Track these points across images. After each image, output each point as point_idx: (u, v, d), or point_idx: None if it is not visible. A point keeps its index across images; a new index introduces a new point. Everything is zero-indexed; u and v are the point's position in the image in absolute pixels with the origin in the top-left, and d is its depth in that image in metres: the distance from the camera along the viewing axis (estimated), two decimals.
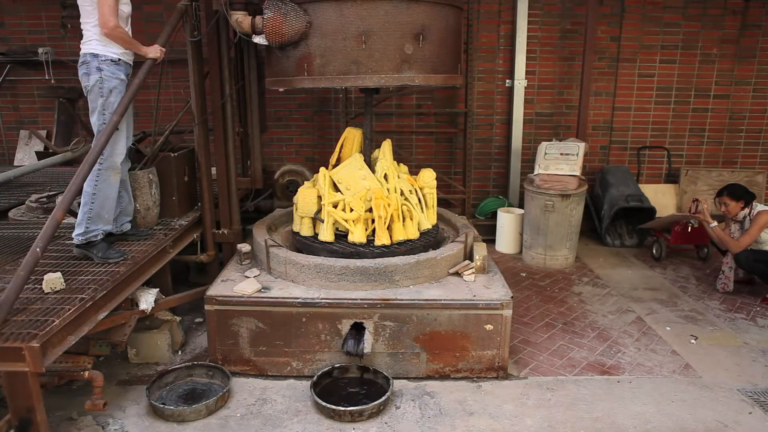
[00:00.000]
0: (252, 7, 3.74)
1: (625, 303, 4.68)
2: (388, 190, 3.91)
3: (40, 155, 5.46)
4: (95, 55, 3.23)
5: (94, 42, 3.24)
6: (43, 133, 6.31)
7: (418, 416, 3.14)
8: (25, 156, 6.27)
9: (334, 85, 3.53)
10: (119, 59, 3.29)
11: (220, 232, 4.36)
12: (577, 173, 5.40)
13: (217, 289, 3.55)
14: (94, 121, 3.33)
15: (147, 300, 3.48)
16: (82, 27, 3.28)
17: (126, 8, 3.30)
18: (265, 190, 5.23)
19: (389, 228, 3.84)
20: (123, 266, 3.22)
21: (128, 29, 3.38)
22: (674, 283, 5.12)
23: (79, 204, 3.36)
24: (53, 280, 2.86)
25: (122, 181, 3.52)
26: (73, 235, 3.31)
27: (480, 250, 3.83)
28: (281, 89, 3.91)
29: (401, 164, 4.32)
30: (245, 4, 3.69)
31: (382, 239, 3.80)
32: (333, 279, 3.55)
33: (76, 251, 3.35)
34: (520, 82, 6.23)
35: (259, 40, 3.62)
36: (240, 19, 3.65)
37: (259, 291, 3.52)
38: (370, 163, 4.08)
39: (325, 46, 3.50)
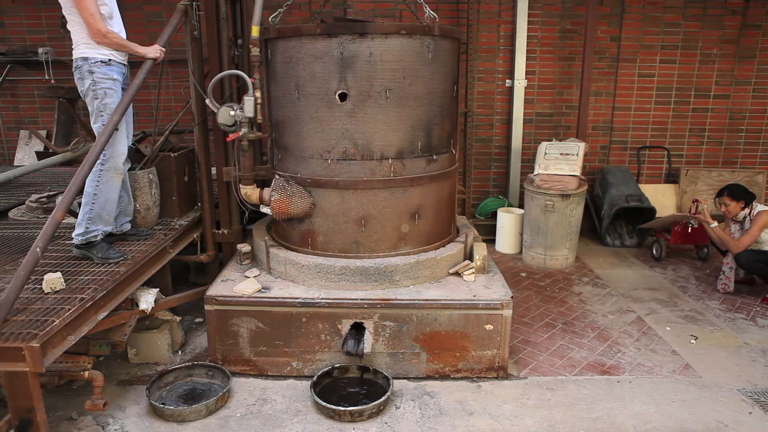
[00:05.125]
0: (260, 178, 3.89)
1: (625, 303, 4.68)
2: None
3: (40, 155, 5.45)
4: (85, 59, 3.22)
5: (82, 46, 3.21)
6: (43, 133, 6.31)
7: (418, 416, 3.14)
8: (25, 156, 6.27)
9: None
10: (110, 60, 3.27)
11: (220, 232, 4.36)
12: (577, 173, 5.41)
13: (217, 289, 3.55)
14: (94, 123, 3.32)
15: (147, 300, 3.48)
16: (69, 31, 3.24)
17: (105, 9, 3.21)
18: None
19: None
20: (123, 266, 3.22)
21: (119, 28, 3.33)
22: (674, 283, 5.12)
23: (79, 204, 3.36)
24: (53, 280, 2.86)
25: (122, 181, 3.51)
26: (73, 235, 3.31)
27: (480, 250, 3.83)
28: None
29: None
30: (253, 178, 3.81)
31: None
32: (333, 279, 3.55)
33: (76, 251, 3.35)
34: (520, 82, 6.22)
35: (266, 210, 3.79)
36: (249, 192, 3.79)
37: (259, 291, 3.52)
38: None
39: (327, 226, 3.65)
